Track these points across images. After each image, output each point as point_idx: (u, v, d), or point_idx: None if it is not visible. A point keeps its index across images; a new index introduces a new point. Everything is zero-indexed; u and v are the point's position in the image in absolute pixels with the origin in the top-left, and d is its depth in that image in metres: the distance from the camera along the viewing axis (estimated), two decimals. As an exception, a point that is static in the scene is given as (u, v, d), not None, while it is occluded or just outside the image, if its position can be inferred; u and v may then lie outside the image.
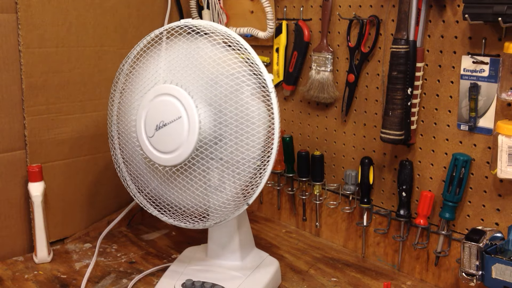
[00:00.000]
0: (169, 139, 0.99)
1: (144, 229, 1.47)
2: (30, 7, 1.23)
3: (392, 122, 1.11)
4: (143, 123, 1.03)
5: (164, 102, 1.00)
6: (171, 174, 1.04)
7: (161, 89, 1.00)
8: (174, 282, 1.09)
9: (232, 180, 1.01)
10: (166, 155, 1.01)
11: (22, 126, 1.28)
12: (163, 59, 1.04)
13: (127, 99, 1.10)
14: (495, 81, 1.01)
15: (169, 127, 0.99)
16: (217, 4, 1.49)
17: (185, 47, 1.03)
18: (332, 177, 1.37)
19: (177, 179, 1.03)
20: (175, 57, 1.03)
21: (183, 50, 1.02)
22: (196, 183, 1.02)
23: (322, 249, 1.35)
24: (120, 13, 1.39)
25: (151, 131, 1.02)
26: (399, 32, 1.08)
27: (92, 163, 1.41)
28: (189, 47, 1.02)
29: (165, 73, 1.02)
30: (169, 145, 1.00)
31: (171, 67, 1.02)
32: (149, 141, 1.03)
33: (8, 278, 1.20)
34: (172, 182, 1.04)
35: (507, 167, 0.97)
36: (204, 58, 1.00)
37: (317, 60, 1.31)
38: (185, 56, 1.01)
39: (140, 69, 1.10)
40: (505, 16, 0.93)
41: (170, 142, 0.99)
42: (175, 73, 1.01)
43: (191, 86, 0.99)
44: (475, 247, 0.98)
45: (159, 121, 1.00)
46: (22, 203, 1.30)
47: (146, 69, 1.07)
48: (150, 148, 1.03)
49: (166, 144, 1.00)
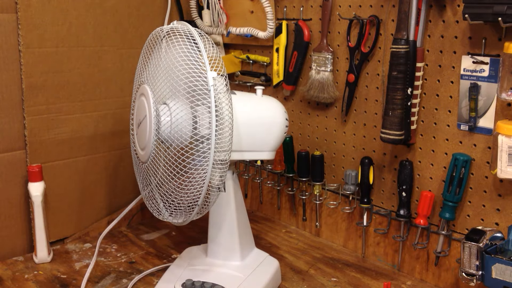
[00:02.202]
0: (142, 137, 1.05)
1: (144, 229, 1.47)
2: (30, 7, 1.24)
3: (392, 122, 1.11)
4: (135, 121, 1.10)
5: (141, 101, 1.06)
6: (147, 169, 1.07)
7: (140, 89, 1.07)
8: (174, 282, 1.09)
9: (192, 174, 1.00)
10: (142, 151, 1.06)
11: (22, 126, 1.28)
12: (147, 60, 1.09)
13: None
14: (495, 81, 1.01)
15: (142, 125, 1.05)
16: (217, 4, 1.49)
17: (159, 49, 1.06)
18: (332, 177, 1.37)
19: (153, 175, 1.06)
20: (155, 58, 1.06)
21: (156, 53, 1.06)
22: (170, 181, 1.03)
23: (322, 249, 1.35)
24: (120, 13, 1.40)
25: (136, 128, 1.09)
26: (399, 32, 1.09)
27: (92, 163, 1.41)
28: (161, 50, 1.05)
29: (143, 73, 1.09)
30: (142, 142, 1.05)
31: (147, 67, 1.07)
32: (136, 137, 1.09)
33: (8, 278, 1.20)
34: (151, 176, 1.07)
35: (507, 167, 0.97)
36: (171, 59, 1.01)
37: (317, 60, 1.31)
38: (157, 58, 1.05)
39: (140, 69, 1.14)
40: (505, 16, 0.93)
41: (143, 139, 1.04)
42: (149, 73, 1.06)
43: (157, 85, 1.02)
44: (475, 247, 0.98)
45: (137, 119, 1.07)
46: (22, 203, 1.30)
47: (142, 68, 1.12)
48: (136, 143, 1.09)
49: (141, 141, 1.06)
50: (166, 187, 1.03)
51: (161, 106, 1.01)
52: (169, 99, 1.00)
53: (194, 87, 0.96)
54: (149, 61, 1.08)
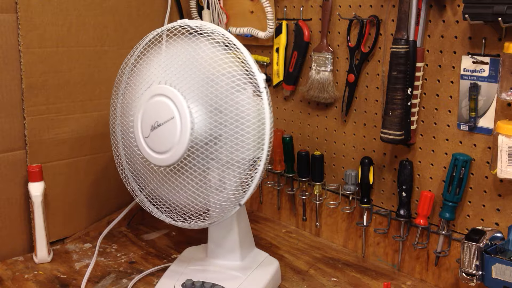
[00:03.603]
0: (163, 140, 1.00)
1: (144, 229, 1.47)
2: (30, 7, 1.24)
3: (392, 122, 1.11)
4: (139, 123, 1.05)
5: (159, 103, 1.01)
6: (165, 174, 1.04)
7: (156, 90, 1.01)
8: (174, 282, 1.09)
9: (226, 179, 1.02)
10: (160, 155, 1.02)
11: (22, 126, 1.28)
12: (159, 59, 1.05)
13: (129, 98, 1.11)
14: (495, 81, 1.01)
15: (163, 127, 1.00)
16: (217, 4, 1.49)
17: (180, 48, 1.03)
18: (332, 177, 1.37)
19: (171, 179, 1.03)
20: (170, 58, 1.03)
21: (178, 50, 1.03)
22: (189, 183, 1.02)
23: (322, 249, 1.35)
24: (120, 13, 1.40)
25: (147, 131, 1.03)
26: (399, 32, 1.08)
27: (92, 163, 1.41)
28: (184, 48, 1.03)
29: (160, 73, 1.03)
30: (163, 145, 1.01)
31: (166, 67, 1.03)
32: (145, 141, 1.04)
33: (8, 278, 1.20)
34: (166, 182, 1.04)
35: (507, 167, 0.97)
36: (197, 58, 1.00)
37: (317, 60, 1.31)
38: (179, 56, 1.02)
39: (139, 69, 1.10)
40: (505, 16, 0.93)
41: (164, 142, 1.00)
42: (169, 73, 1.02)
43: (185, 86, 0.99)
44: (475, 247, 0.98)
45: (154, 122, 1.01)
46: (22, 203, 1.30)
47: (143, 69, 1.08)
48: (146, 148, 1.04)
49: (160, 144, 1.01)
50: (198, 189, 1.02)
51: (192, 106, 0.99)
52: (191, 99, 0.99)
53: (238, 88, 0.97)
54: (154, 59, 1.05)
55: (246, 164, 1.01)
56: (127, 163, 1.15)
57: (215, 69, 0.99)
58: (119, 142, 1.15)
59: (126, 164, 1.15)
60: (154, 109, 1.02)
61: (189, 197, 1.03)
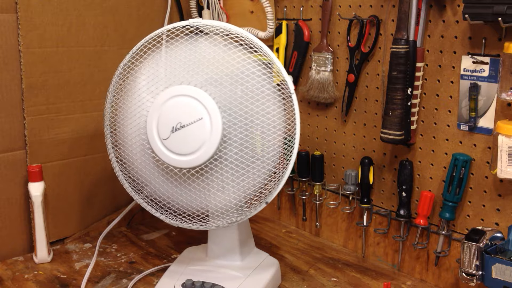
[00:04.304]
0: (188, 141, 0.98)
1: (144, 229, 1.47)
2: (30, 7, 1.23)
3: (392, 122, 1.11)
4: (155, 125, 1.01)
5: (181, 104, 0.98)
6: (189, 176, 1.02)
7: (177, 91, 0.98)
8: (174, 282, 1.09)
9: (251, 178, 1.02)
10: (183, 157, 0.99)
11: (22, 126, 1.28)
12: (176, 59, 1.02)
13: (127, 101, 1.08)
14: (495, 81, 1.01)
15: (188, 129, 0.98)
16: (217, 4, 1.49)
17: (203, 48, 1.01)
18: (332, 177, 1.37)
19: (196, 181, 1.02)
20: (192, 58, 1.00)
21: (202, 51, 1.01)
22: (218, 184, 1.02)
23: (322, 249, 1.35)
24: (120, 13, 1.40)
25: (166, 133, 0.99)
26: (399, 32, 1.08)
27: (92, 163, 1.41)
28: (210, 48, 1.01)
29: (182, 74, 1.01)
30: (187, 147, 0.98)
31: (188, 68, 1.00)
32: (162, 143, 1.00)
33: (8, 278, 1.20)
34: (189, 184, 1.03)
35: (507, 167, 0.97)
36: (218, 58, 0.99)
37: (317, 60, 1.31)
38: (205, 58, 1.00)
39: (147, 70, 1.06)
40: (505, 16, 0.93)
41: (189, 143, 0.98)
42: (193, 74, 1.00)
43: (212, 87, 0.98)
44: (475, 247, 0.98)
45: (175, 123, 0.98)
46: (22, 203, 1.30)
47: (151, 70, 1.05)
48: (164, 150, 1.00)
49: (184, 146, 0.98)
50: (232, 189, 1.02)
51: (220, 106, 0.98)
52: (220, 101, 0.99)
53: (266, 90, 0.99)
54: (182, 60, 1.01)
55: (271, 164, 1.01)
56: (123, 166, 1.11)
57: (239, 70, 0.98)
58: (116, 143, 1.11)
59: (120, 167, 1.11)
60: (175, 111, 0.98)
61: (216, 196, 1.03)
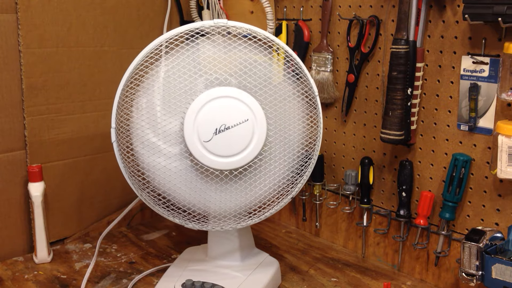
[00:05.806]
0: (232, 142, 0.99)
1: (144, 229, 1.47)
2: (30, 7, 1.24)
3: (392, 122, 1.11)
4: (193, 128, 0.99)
5: (224, 105, 0.99)
6: (231, 177, 1.03)
7: (219, 92, 0.99)
8: (174, 282, 1.09)
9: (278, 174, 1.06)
10: (226, 158, 1.00)
11: (22, 126, 1.28)
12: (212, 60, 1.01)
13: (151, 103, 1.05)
14: (495, 81, 1.01)
15: (232, 130, 0.99)
16: (217, 4, 1.49)
17: (241, 49, 1.02)
18: (332, 177, 1.37)
19: (238, 182, 1.04)
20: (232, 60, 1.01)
21: (241, 53, 1.02)
22: (259, 184, 1.04)
23: (322, 249, 1.35)
24: (120, 13, 1.40)
25: (208, 135, 0.99)
26: (399, 32, 1.09)
27: (92, 163, 1.41)
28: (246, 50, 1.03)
29: (223, 75, 1.01)
30: (231, 148, 0.99)
31: (229, 70, 1.01)
32: (203, 146, 0.99)
33: (8, 278, 1.20)
34: (232, 185, 1.04)
35: (507, 167, 0.97)
36: (250, 61, 1.01)
37: (317, 60, 1.31)
38: (245, 59, 1.02)
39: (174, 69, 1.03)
40: (505, 16, 0.93)
41: (234, 145, 0.99)
42: (237, 76, 1.01)
43: (253, 88, 1.01)
44: (475, 247, 0.98)
45: (219, 125, 0.99)
46: (22, 203, 1.30)
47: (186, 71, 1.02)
48: (205, 153, 0.99)
49: (228, 147, 0.99)
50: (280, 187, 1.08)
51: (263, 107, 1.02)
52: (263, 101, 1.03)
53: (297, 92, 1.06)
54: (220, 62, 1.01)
55: (296, 160, 1.08)
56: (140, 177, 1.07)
57: (272, 73, 1.03)
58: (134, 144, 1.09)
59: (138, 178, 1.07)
60: (217, 112, 0.99)
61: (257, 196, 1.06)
